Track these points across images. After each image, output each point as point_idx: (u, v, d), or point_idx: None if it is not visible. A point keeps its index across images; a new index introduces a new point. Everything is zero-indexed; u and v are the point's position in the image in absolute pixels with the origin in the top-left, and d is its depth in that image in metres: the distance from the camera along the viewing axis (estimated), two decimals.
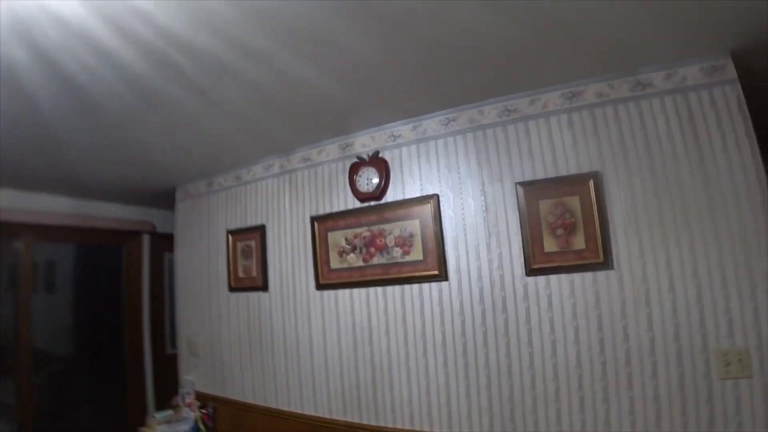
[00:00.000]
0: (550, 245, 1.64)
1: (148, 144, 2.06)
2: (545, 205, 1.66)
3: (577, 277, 1.59)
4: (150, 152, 2.19)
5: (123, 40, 1.19)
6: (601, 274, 1.56)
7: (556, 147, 1.66)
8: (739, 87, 1.45)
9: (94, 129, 1.81)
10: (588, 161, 1.61)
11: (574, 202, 1.61)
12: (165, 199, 3.10)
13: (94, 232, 3.15)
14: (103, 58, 1.27)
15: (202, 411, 2.45)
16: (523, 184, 1.70)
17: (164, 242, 3.53)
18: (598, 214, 1.57)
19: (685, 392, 1.41)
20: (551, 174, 1.66)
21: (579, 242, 1.60)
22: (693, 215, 1.45)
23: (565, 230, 1.62)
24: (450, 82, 1.61)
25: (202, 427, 2.41)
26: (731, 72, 1.45)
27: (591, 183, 1.59)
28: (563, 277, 1.61)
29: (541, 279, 1.64)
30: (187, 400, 2.53)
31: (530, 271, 1.66)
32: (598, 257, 1.56)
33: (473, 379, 1.71)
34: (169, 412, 2.49)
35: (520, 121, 1.73)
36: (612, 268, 1.54)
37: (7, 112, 1.55)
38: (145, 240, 3.53)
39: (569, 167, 1.63)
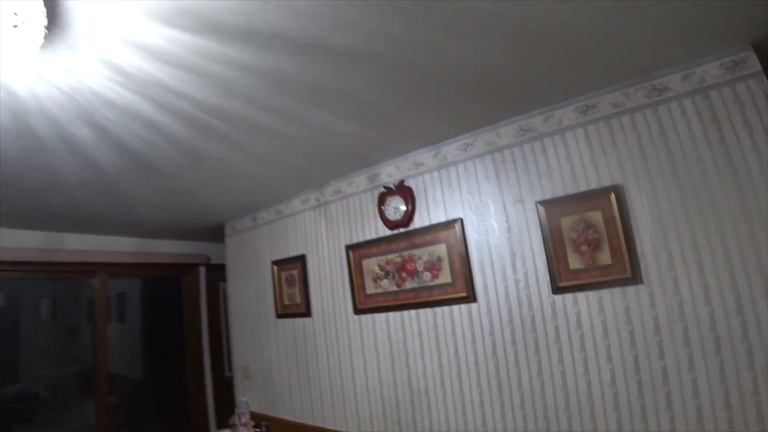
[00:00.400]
0: (575, 262, 1.68)
1: (197, 190, 2.39)
2: (567, 222, 1.71)
3: (605, 293, 1.61)
4: (199, 196, 2.52)
5: (166, 113, 1.47)
6: (630, 290, 1.57)
7: (574, 162, 1.72)
8: (765, 79, 1.41)
9: (151, 182, 2.15)
10: (608, 174, 1.65)
11: (596, 217, 1.65)
12: (216, 232, 3.50)
13: (157, 266, 3.62)
14: (152, 128, 1.56)
15: (257, 430, 2.72)
16: (543, 202, 1.76)
17: (218, 272, 3.95)
18: (623, 227, 1.60)
19: (732, 412, 1.38)
20: (571, 190, 1.71)
21: (605, 258, 1.63)
22: (725, 219, 1.43)
23: (589, 246, 1.66)
24: (463, 108, 1.74)
25: None
26: (754, 64, 1.41)
27: (612, 196, 1.62)
28: (591, 294, 1.64)
29: (569, 297, 1.68)
30: (243, 420, 2.80)
31: (557, 289, 1.71)
32: (626, 272, 1.58)
33: (507, 399, 1.77)
34: (228, 431, 2.76)
35: (536, 140, 1.80)
36: (641, 282, 1.55)
37: (81, 176, 1.93)
38: (201, 271, 3.99)
39: (589, 182, 1.68)
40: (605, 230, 1.63)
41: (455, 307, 1.96)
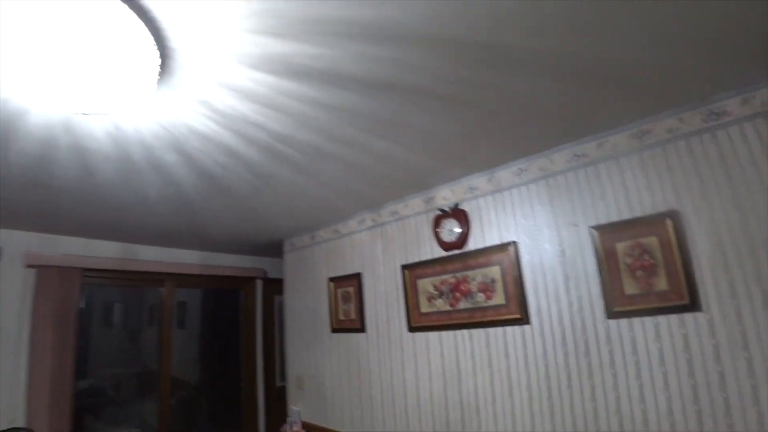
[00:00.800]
0: (630, 287, 1.75)
1: (262, 208, 2.70)
2: (622, 247, 1.78)
3: (661, 319, 1.66)
4: (264, 214, 2.84)
5: (245, 142, 1.74)
6: (688, 317, 1.61)
7: (629, 188, 1.80)
8: None
9: (223, 201, 2.48)
10: (663, 200, 1.72)
11: (653, 242, 1.72)
12: (274, 248, 3.83)
13: (218, 278, 4.02)
14: (230, 154, 1.85)
15: None
16: (597, 227, 1.85)
17: (274, 286, 4.32)
18: (680, 253, 1.65)
19: None
20: (626, 216, 1.79)
21: (661, 283, 1.68)
22: None
23: (645, 272, 1.72)
24: (517, 136, 1.89)
25: None
26: None
27: (668, 222, 1.68)
28: (647, 319, 1.69)
29: (624, 321, 1.74)
30: (294, 428, 3.04)
31: (611, 314, 1.77)
32: (684, 299, 1.62)
33: (558, 422, 1.83)
34: None
35: (589, 165, 1.90)
36: (700, 309, 1.59)
37: (162, 194, 2.28)
38: (258, 284, 4.37)
39: (644, 207, 1.75)
40: (662, 256, 1.69)
41: (508, 329, 2.06)
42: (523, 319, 2.02)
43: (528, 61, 1.31)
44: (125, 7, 0.96)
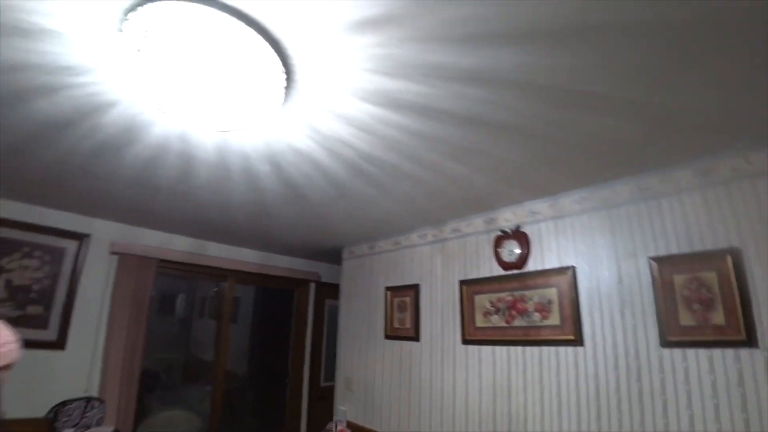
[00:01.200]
0: (685, 319, 1.86)
1: (331, 217, 3.02)
2: (680, 280, 1.91)
3: (716, 352, 1.76)
4: (331, 222, 3.17)
5: (333, 158, 2.04)
6: (744, 352, 1.71)
7: (690, 223, 1.93)
8: None
9: (298, 207, 2.81)
10: (725, 237, 1.83)
11: (711, 277, 1.83)
12: (330, 254, 4.17)
13: (276, 278, 4.41)
14: (316, 168, 2.15)
15: None
16: (656, 258, 1.99)
17: (326, 290, 4.68)
18: (739, 290, 1.75)
19: None
20: (685, 249, 1.92)
21: (718, 318, 1.79)
22: None
23: (701, 305, 1.84)
24: (582, 167, 2.08)
25: None
26: None
27: (729, 259, 1.80)
28: (701, 351, 1.80)
29: (677, 351, 1.85)
30: (339, 427, 3.30)
31: (665, 343, 1.89)
32: (740, 334, 1.72)
33: None
34: None
35: (652, 199, 2.05)
36: (757, 346, 1.69)
37: (244, 198, 2.64)
38: (312, 287, 4.72)
39: (704, 243, 1.87)
40: (720, 291, 1.80)
41: (561, 349, 2.22)
42: (577, 341, 2.16)
43: (601, 104, 1.52)
44: (266, 44, 1.25)
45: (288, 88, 1.49)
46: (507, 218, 2.64)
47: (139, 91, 1.42)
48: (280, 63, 1.33)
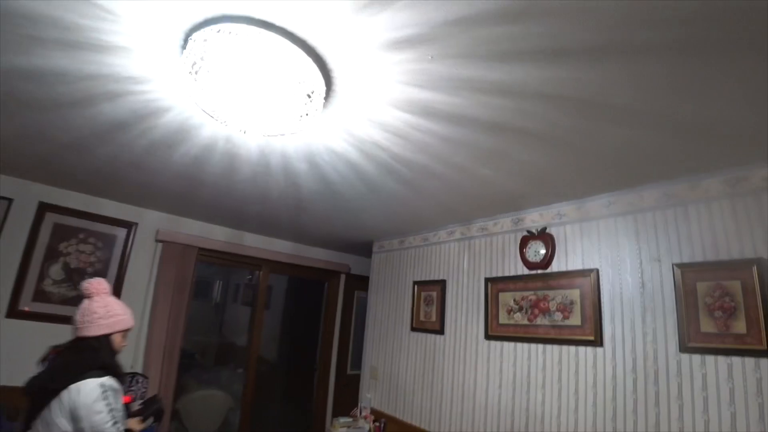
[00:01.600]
0: (706, 326, 1.90)
1: (362, 212, 3.15)
2: (703, 287, 1.93)
3: (736, 360, 1.79)
4: (362, 217, 3.30)
5: (366, 159, 2.16)
6: (764, 362, 1.73)
7: (717, 231, 1.94)
8: None
9: (332, 202, 2.95)
10: (752, 247, 1.84)
11: (735, 286, 1.85)
12: (361, 247, 4.32)
13: (308, 269, 4.61)
14: (350, 167, 2.28)
15: (375, 424, 3.35)
16: (680, 265, 2.02)
17: (356, 282, 4.85)
18: (762, 300, 1.77)
19: None
20: (710, 257, 1.94)
21: (739, 326, 1.82)
22: None
23: (723, 313, 1.86)
24: (609, 173, 2.12)
25: None
26: None
27: (754, 269, 1.81)
28: (720, 358, 1.83)
29: (696, 357, 1.89)
30: (364, 413, 3.47)
31: (684, 348, 1.93)
32: (762, 344, 1.75)
33: None
34: (349, 419, 3.42)
35: (679, 206, 2.07)
36: None
37: (282, 192, 2.80)
38: (342, 278, 4.90)
39: (731, 252, 1.89)
40: (743, 300, 1.82)
41: (581, 348, 2.28)
42: (597, 342, 2.22)
43: (627, 116, 1.57)
44: (307, 58, 1.37)
45: (328, 97, 1.61)
46: (534, 219, 2.69)
47: (193, 101, 1.57)
48: (321, 76, 1.46)
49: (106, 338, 1.67)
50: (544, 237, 2.60)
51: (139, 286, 3.44)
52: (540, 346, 2.47)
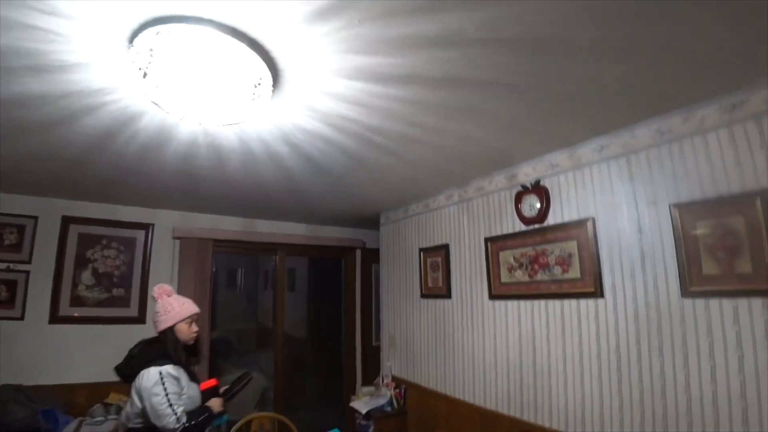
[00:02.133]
0: (709, 268, 1.71)
1: (359, 186, 3.07)
2: (703, 227, 1.74)
3: (741, 302, 1.62)
4: (360, 191, 3.23)
5: (340, 132, 2.07)
6: None
7: (715, 165, 1.72)
8: None
9: (324, 181, 2.90)
10: (754, 178, 1.63)
11: (738, 223, 1.65)
12: (371, 221, 4.26)
13: (323, 248, 4.62)
14: (328, 143, 2.20)
15: (396, 390, 3.37)
16: (678, 205, 1.82)
17: (372, 255, 4.81)
18: None
19: None
20: (710, 194, 1.73)
21: (744, 266, 1.63)
22: None
23: (726, 253, 1.67)
24: (595, 115, 1.92)
25: (395, 402, 3.33)
26: None
27: (758, 202, 1.60)
28: (725, 301, 1.66)
29: (700, 302, 1.72)
30: (385, 381, 3.50)
31: (687, 293, 1.77)
32: None
33: (626, 394, 1.91)
34: (372, 388, 3.46)
35: (674, 142, 1.85)
36: None
37: (276, 177, 2.77)
38: (358, 254, 4.88)
39: (731, 186, 1.68)
40: (747, 237, 1.63)
41: (582, 301, 2.15)
42: (597, 293, 2.08)
43: (594, 49, 1.38)
44: (246, 47, 1.33)
45: (277, 78, 1.56)
46: (527, 173, 2.51)
47: (150, 101, 1.56)
48: (260, 59, 1.40)
49: (170, 331, 1.93)
50: (538, 190, 2.42)
51: (163, 282, 3.54)
52: (542, 302, 2.35)
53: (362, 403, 3.33)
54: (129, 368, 1.83)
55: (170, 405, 1.73)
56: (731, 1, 1.15)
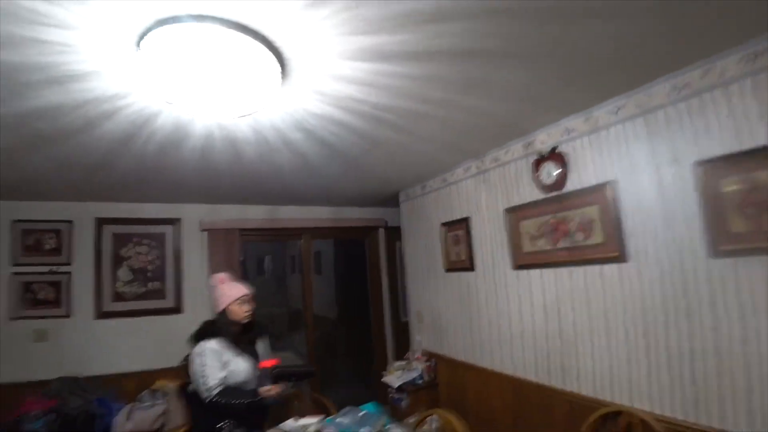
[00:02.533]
0: (737, 225, 1.65)
1: (376, 166, 3.06)
2: (729, 183, 1.67)
3: None
4: (377, 171, 3.22)
5: (351, 114, 2.06)
6: None
7: (738, 117, 1.64)
8: None
9: (341, 163, 2.91)
10: None
11: (765, 176, 1.57)
12: (392, 200, 4.26)
13: (346, 229, 4.67)
14: (340, 126, 2.20)
15: (427, 364, 3.43)
16: (701, 163, 1.74)
17: (395, 233, 4.82)
18: None
19: None
20: (734, 148, 1.65)
21: None
22: None
23: (755, 209, 1.60)
24: (609, 77, 1.85)
25: (425, 376, 3.39)
26: None
27: None
28: (755, 260, 1.59)
29: (728, 262, 1.66)
30: (416, 355, 3.56)
31: (714, 253, 1.71)
32: None
33: (654, 359, 1.89)
34: (403, 363, 3.53)
35: (692, 97, 1.76)
36: None
37: (293, 164, 2.79)
38: (381, 233, 4.90)
39: (755, 138, 1.59)
40: None
41: (606, 267, 2.11)
42: (621, 258, 2.04)
43: (601, 9, 1.32)
44: (251, 39, 1.34)
45: (284, 67, 1.57)
46: (543, 140, 2.45)
47: (168, 100, 1.62)
48: (267, 50, 1.42)
49: (222, 313, 2.16)
50: (555, 156, 2.36)
51: (195, 273, 3.70)
52: (565, 270, 2.33)
53: (394, 378, 3.42)
54: (191, 341, 2.11)
55: (203, 375, 1.96)
56: None
